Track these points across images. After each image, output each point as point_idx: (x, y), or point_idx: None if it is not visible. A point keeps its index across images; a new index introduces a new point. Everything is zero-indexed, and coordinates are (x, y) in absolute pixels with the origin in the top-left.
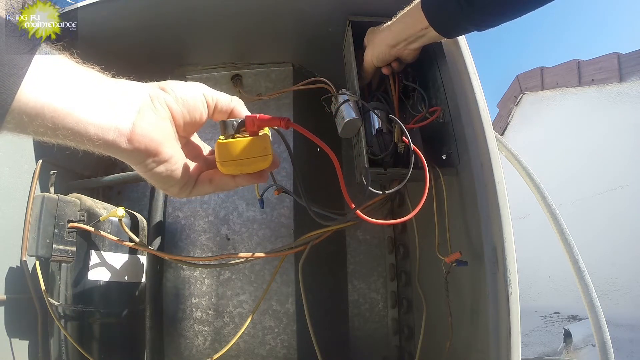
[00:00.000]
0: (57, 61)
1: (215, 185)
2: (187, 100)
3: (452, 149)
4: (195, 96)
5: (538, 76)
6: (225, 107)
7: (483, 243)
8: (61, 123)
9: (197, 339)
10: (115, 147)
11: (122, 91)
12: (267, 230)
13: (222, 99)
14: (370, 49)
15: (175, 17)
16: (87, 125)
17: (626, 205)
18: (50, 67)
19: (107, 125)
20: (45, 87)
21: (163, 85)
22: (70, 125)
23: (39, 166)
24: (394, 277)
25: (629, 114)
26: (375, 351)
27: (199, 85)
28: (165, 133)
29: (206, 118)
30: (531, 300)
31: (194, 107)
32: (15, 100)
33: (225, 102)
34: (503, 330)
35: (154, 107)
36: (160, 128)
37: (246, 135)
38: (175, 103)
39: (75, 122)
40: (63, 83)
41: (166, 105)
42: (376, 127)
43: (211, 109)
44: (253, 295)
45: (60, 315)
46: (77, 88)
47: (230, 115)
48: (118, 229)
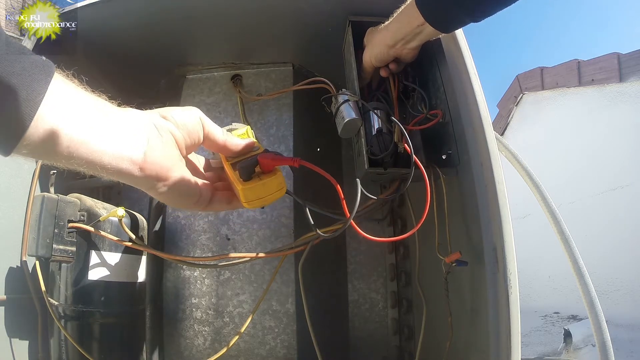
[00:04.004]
0: (69, 89)
1: (233, 206)
2: (186, 125)
3: (452, 149)
4: (193, 121)
5: (538, 76)
6: (216, 139)
7: (483, 243)
8: (76, 152)
9: (197, 339)
10: (128, 175)
11: (130, 121)
12: (267, 230)
13: (216, 132)
14: (368, 49)
15: (175, 16)
16: (102, 155)
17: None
18: (64, 95)
19: (121, 155)
20: (61, 115)
21: (164, 114)
22: (84, 154)
23: (39, 166)
24: (394, 277)
25: (629, 114)
26: (375, 351)
27: (195, 110)
28: (172, 158)
29: (203, 140)
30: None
31: (193, 131)
32: (32, 125)
33: (219, 135)
34: (503, 330)
35: (160, 136)
36: (167, 155)
37: (260, 173)
38: (177, 129)
39: (90, 151)
40: (77, 112)
41: (169, 133)
42: (376, 127)
43: (204, 135)
44: (253, 295)
45: (60, 315)
46: (91, 118)
47: (222, 149)
48: (118, 229)
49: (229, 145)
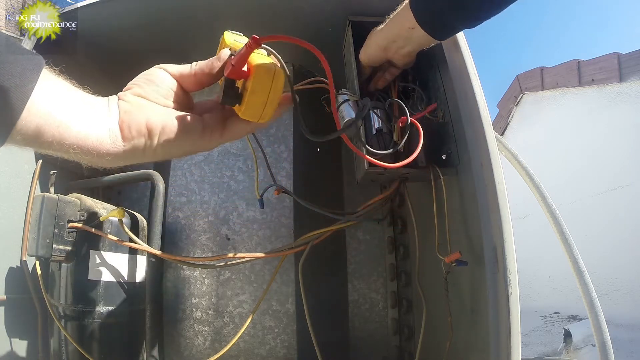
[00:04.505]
0: (57, 81)
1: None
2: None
3: (452, 149)
4: (152, 71)
5: (538, 76)
6: (186, 72)
7: (483, 243)
8: (65, 136)
9: (197, 339)
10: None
11: (102, 102)
12: (267, 230)
13: (184, 68)
14: (363, 48)
15: (175, 16)
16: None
17: (626, 205)
18: (52, 85)
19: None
20: (51, 101)
21: (126, 86)
22: (72, 139)
23: (39, 166)
24: (394, 277)
25: (629, 114)
26: (375, 351)
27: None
28: (145, 112)
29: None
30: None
31: (158, 79)
32: (24, 113)
33: (187, 68)
34: (503, 330)
35: (125, 102)
36: (139, 112)
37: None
38: (139, 88)
39: (74, 135)
40: (64, 100)
41: (134, 96)
42: (376, 127)
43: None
44: (253, 295)
45: (60, 315)
46: (74, 103)
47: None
48: (118, 229)
49: (201, 67)
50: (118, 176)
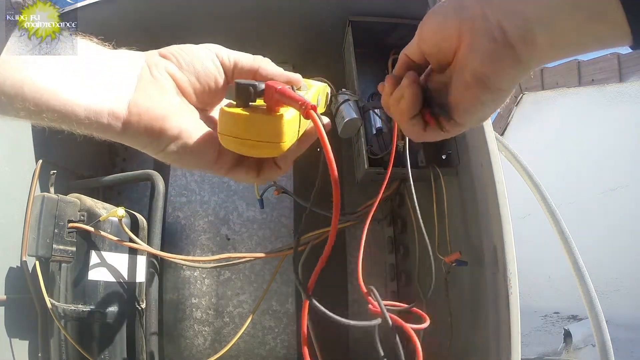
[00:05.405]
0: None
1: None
2: (194, 65)
3: (452, 149)
4: (204, 59)
5: (538, 76)
6: (248, 67)
7: (483, 243)
8: (45, 104)
9: (197, 339)
10: (111, 131)
11: (116, 64)
12: (267, 230)
13: (243, 58)
14: None
15: (175, 16)
16: (75, 107)
17: (626, 205)
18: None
19: (99, 107)
20: (25, 61)
21: (164, 52)
22: (56, 107)
23: (39, 166)
24: (394, 277)
25: (629, 114)
26: (375, 351)
27: (211, 46)
28: (168, 106)
29: (224, 84)
30: (531, 300)
31: (205, 73)
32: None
33: (248, 61)
34: (503, 330)
35: (152, 79)
36: (160, 102)
37: (263, 107)
38: (178, 70)
39: (61, 103)
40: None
41: (167, 74)
42: (376, 127)
43: (229, 72)
44: (253, 295)
45: (60, 315)
46: (63, 62)
47: (255, 78)
48: (118, 229)
49: (263, 73)
50: (118, 176)
